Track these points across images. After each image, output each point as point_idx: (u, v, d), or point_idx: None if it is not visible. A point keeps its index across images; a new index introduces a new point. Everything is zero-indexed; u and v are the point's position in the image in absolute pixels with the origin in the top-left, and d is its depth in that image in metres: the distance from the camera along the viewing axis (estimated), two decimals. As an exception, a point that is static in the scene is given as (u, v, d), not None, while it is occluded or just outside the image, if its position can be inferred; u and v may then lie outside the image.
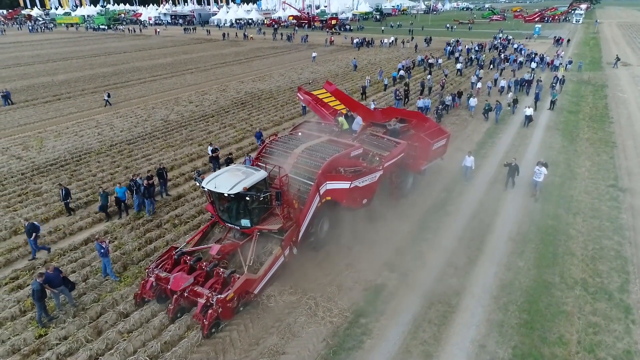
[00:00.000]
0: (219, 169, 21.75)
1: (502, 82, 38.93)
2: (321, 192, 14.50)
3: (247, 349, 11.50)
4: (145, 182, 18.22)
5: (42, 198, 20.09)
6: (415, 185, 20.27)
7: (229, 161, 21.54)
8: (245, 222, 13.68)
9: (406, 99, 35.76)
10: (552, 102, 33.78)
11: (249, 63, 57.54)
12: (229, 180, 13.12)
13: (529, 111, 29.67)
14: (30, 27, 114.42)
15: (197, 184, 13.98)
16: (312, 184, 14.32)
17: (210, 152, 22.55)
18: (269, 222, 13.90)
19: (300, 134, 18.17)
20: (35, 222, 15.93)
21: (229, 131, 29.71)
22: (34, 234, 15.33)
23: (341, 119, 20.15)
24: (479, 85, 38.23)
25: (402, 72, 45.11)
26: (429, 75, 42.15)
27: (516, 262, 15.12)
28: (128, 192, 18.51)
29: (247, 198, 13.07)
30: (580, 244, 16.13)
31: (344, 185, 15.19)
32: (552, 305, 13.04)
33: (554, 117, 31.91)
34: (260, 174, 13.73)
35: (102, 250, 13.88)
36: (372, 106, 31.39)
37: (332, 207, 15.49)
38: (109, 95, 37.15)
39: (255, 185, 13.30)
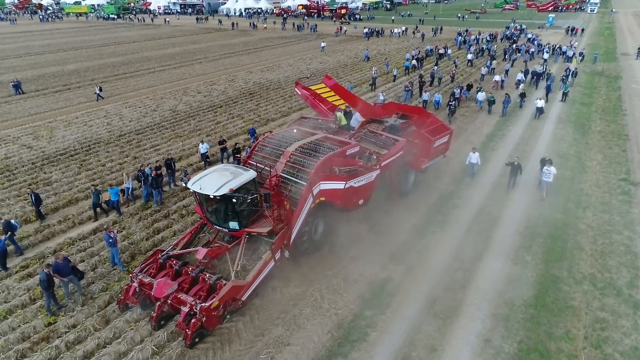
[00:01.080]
0: (227, 160, 21.88)
1: (520, 75, 36.78)
2: (314, 192, 13.83)
3: (252, 340, 11.58)
4: (154, 172, 18.32)
5: (52, 187, 20.30)
6: (417, 184, 19.76)
7: (237, 152, 21.54)
8: (233, 225, 13.04)
9: (420, 91, 34.56)
10: (564, 94, 33.25)
11: (257, 53, 57.32)
12: (215, 181, 12.51)
13: (540, 103, 29.25)
14: (41, 17, 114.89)
15: (184, 184, 13.41)
16: (305, 184, 13.67)
17: (201, 150, 22.04)
18: (259, 225, 13.32)
19: (295, 130, 17.31)
20: (12, 220, 15.53)
21: (237, 122, 29.71)
22: (9, 232, 15.02)
23: (339, 114, 19.52)
24: (497, 77, 36.78)
25: (414, 62, 44.59)
26: (435, 67, 41.65)
27: (523, 256, 15.01)
28: (135, 181, 18.61)
29: (234, 200, 12.41)
30: (589, 239, 15.96)
31: (339, 185, 14.59)
32: (559, 300, 12.94)
33: (566, 109, 31.43)
34: (249, 175, 13.07)
35: (111, 240, 14.01)
36: (381, 98, 31.23)
37: (328, 207, 14.87)
38: (100, 89, 35.97)
39: (244, 186, 12.74)
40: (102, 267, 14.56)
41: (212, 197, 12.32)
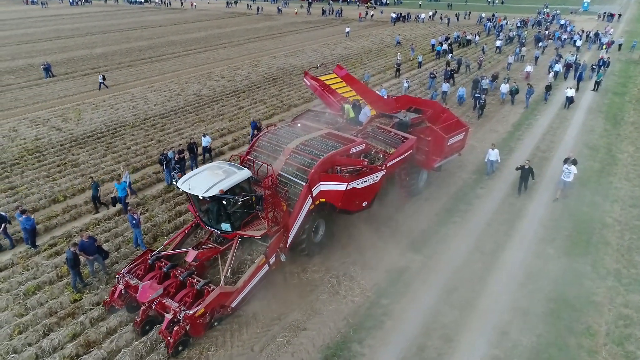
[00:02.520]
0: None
1: (557, 66, 34.76)
2: (314, 193, 13.04)
3: (269, 324, 11.76)
4: (177, 155, 18.59)
5: (80, 169, 20.87)
6: (442, 170, 19.02)
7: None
8: (225, 227, 12.33)
9: (452, 80, 32.86)
10: (597, 83, 32.04)
11: (282, 38, 57.08)
12: (205, 181, 11.81)
13: (571, 92, 28.25)
14: (71, 0, 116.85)
15: (174, 183, 12.85)
16: (304, 184, 12.87)
17: (202, 144, 21.18)
18: (254, 227, 12.53)
19: (299, 125, 16.43)
20: (2, 213, 15.32)
21: (260, 107, 29.80)
22: (2, 225, 14.87)
23: (347, 107, 18.40)
24: (528, 68, 34.70)
25: (444, 47, 43.64)
26: (450, 55, 40.54)
27: (546, 249, 14.70)
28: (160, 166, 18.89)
29: (224, 202, 11.82)
30: (616, 233, 15.50)
31: (340, 186, 13.63)
32: (581, 295, 12.65)
33: (598, 99, 30.32)
34: (242, 174, 12.30)
35: (134, 222, 14.36)
36: (405, 85, 30.75)
37: (330, 208, 14.14)
38: (104, 78, 34.94)
39: (239, 185, 12.12)
40: (125, 248, 14.96)
41: (201, 198, 11.72)
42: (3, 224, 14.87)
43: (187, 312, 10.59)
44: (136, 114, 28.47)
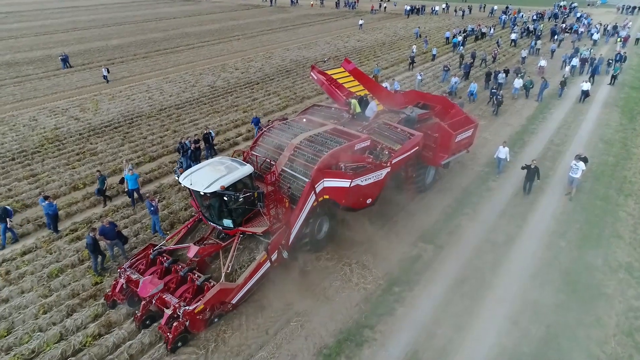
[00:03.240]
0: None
1: (574, 61, 34.47)
2: (317, 190, 12.95)
3: (283, 309, 12.08)
4: (193, 145, 18.96)
5: (98, 157, 21.37)
6: (452, 163, 18.83)
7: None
8: (227, 223, 12.30)
9: (467, 75, 32.95)
10: (614, 77, 31.70)
11: (295, 30, 57.12)
12: (207, 176, 11.78)
13: (586, 86, 28.01)
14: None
15: (176, 178, 12.79)
16: (307, 180, 12.78)
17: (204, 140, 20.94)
18: (256, 223, 12.53)
19: (304, 120, 16.29)
20: (8, 207, 15.30)
21: (273, 99, 30.04)
22: (7, 219, 14.75)
23: (354, 101, 18.05)
24: (543, 63, 33.95)
25: (460, 38, 43.40)
26: (461, 47, 40.21)
27: (558, 241, 14.79)
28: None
29: (225, 198, 11.74)
30: (629, 227, 15.52)
31: (344, 183, 13.47)
32: (592, 288, 12.77)
33: (614, 93, 30.01)
34: (244, 170, 12.24)
35: (152, 208, 14.76)
36: (419, 78, 30.70)
37: (334, 204, 14.01)
38: (107, 71, 34.84)
39: (241, 181, 12.05)
40: (144, 234, 15.38)
41: (201, 193, 11.77)
42: (7, 219, 14.78)
43: (187, 308, 10.60)
44: (152, 105, 28.91)
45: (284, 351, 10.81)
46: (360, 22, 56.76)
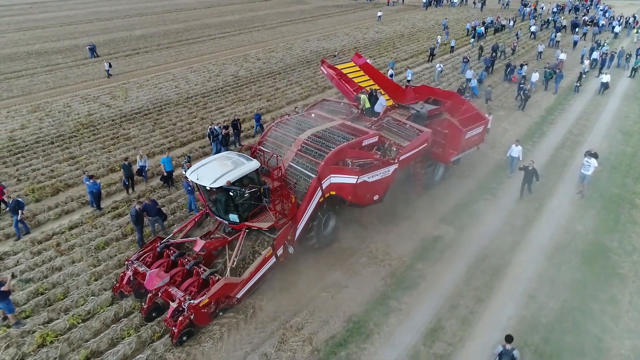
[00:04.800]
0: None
1: (595, 54, 34.18)
2: (324, 186, 12.97)
3: (314, 281, 12.97)
4: (224, 131, 19.89)
5: (131, 142, 22.47)
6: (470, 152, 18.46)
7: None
8: (233, 217, 12.42)
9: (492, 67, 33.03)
10: (634, 69, 31.78)
11: (314, 21, 57.68)
12: (214, 171, 11.85)
13: (606, 78, 28.22)
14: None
15: (184, 172, 12.80)
16: (314, 176, 12.86)
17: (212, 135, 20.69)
18: (262, 218, 12.60)
19: (313, 115, 16.28)
20: (20, 199, 15.49)
21: (295, 88, 30.83)
22: (19, 212, 14.87)
23: (363, 96, 18.00)
24: (562, 56, 33.27)
25: (482, 29, 43.56)
26: (472, 39, 40.28)
27: (575, 226, 15.40)
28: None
29: (231, 193, 11.89)
30: (645, 214, 16.05)
31: (351, 180, 13.44)
32: (607, 268, 13.41)
33: (634, 86, 30.17)
34: (251, 165, 12.28)
35: (189, 188, 15.72)
36: (438, 69, 31.14)
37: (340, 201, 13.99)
38: (110, 65, 34.72)
39: (247, 176, 12.15)
40: (180, 212, 16.39)
41: (208, 188, 11.90)
42: (20, 211, 14.91)
43: (192, 301, 10.71)
44: (179, 93, 29.93)
45: (317, 318, 11.70)
46: (379, 13, 57.06)
